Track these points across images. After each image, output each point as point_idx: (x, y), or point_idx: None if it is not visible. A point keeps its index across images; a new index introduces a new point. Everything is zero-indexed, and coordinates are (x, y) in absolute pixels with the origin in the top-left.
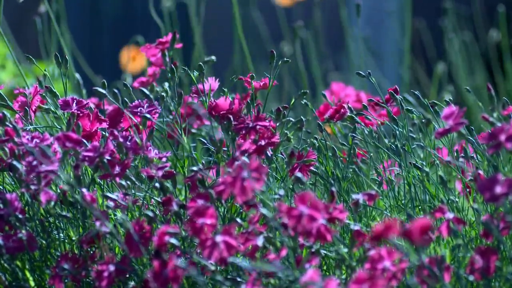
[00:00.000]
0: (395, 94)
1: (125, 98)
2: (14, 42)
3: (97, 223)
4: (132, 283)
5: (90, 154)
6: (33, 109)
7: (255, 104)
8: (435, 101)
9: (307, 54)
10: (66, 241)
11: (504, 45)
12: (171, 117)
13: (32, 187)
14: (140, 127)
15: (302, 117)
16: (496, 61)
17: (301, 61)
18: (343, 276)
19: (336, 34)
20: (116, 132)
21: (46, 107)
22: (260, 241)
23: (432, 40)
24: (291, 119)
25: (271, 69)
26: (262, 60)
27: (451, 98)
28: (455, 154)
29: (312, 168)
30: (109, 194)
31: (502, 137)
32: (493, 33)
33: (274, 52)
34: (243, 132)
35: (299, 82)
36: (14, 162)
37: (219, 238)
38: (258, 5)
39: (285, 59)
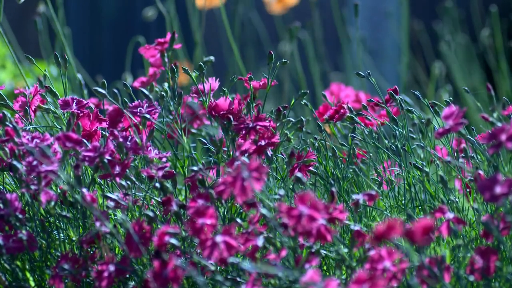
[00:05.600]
0: (394, 95)
1: (125, 99)
2: (14, 42)
3: (97, 223)
4: (132, 283)
5: (90, 154)
6: (33, 109)
7: (255, 104)
8: (435, 101)
9: (306, 55)
10: (66, 241)
11: (498, 46)
12: (171, 117)
13: (32, 187)
14: (140, 127)
15: (302, 117)
16: (493, 61)
17: (299, 61)
18: (343, 276)
19: (335, 35)
20: (116, 132)
21: (46, 107)
22: (260, 241)
23: (431, 41)
24: (291, 119)
25: (270, 69)
26: (263, 60)
27: (451, 98)
28: (455, 154)
29: (312, 168)
30: (109, 194)
31: (503, 137)
32: (485, 33)
33: (272, 53)
34: (243, 132)
35: (299, 83)
36: (14, 162)
37: (219, 238)
38: (258, 6)
39: (283, 60)
